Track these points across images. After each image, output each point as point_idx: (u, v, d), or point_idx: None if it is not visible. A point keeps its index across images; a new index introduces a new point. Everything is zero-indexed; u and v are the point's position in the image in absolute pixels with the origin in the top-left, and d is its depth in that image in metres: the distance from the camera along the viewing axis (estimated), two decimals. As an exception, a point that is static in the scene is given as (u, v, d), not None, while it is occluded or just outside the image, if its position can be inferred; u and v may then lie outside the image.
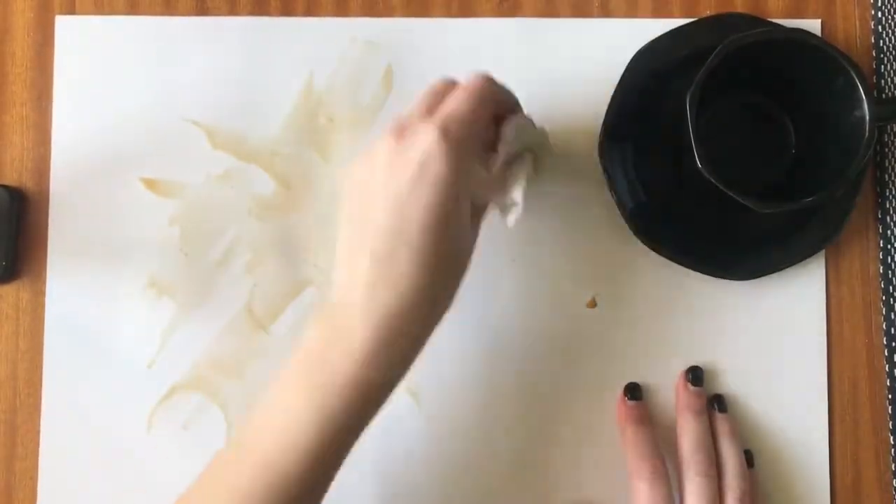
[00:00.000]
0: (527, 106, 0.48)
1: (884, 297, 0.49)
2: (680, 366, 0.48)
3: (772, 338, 0.49)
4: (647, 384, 0.48)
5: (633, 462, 0.45)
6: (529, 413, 0.48)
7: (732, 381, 0.48)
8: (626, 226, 0.48)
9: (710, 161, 0.42)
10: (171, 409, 0.48)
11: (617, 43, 0.50)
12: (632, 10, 0.51)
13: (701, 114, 0.42)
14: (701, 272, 0.48)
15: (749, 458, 0.47)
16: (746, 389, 0.48)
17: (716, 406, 0.47)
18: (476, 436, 0.48)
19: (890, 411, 0.49)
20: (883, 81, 0.50)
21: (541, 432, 0.48)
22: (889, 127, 0.49)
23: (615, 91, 0.48)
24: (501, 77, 0.43)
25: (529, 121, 0.44)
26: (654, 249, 0.48)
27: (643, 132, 0.48)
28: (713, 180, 0.41)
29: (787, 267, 0.48)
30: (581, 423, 0.48)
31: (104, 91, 0.50)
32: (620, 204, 0.48)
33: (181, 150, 0.50)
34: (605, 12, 0.51)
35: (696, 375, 0.47)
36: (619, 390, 0.48)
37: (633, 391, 0.48)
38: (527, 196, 0.42)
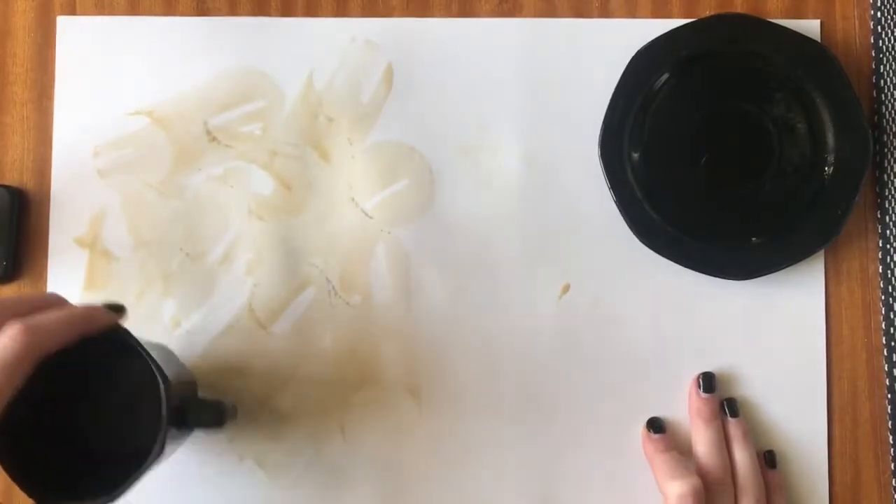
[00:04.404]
0: (527, 106, 0.48)
1: (883, 297, 0.49)
2: (680, 365, 0.49)
3: (771, 338, 0.49)
4: (647, 384, 0.48)
5: (667, 484, 0.44)
6: (530, 413, 0.49)
7: (732, 380, 0.49)
8: (626, 226, 0.48)
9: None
10: (172, 408, 0.48)
11: (617, 43, 0.50)
12: (631, 11, 0.51)
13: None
14: (701, 272, 0.48)
15: (771, 459, 0.47)
16: (746, 389, 0.48)
17: (727, 411, 0.47)
18: (476, 436, 0.48)
19: (889, 411, 0.49)
20: (882, 82, 0.50)
21: (541, 432, 0.48)
22: (889, 127, 0.49)
23: (615, 91, 0.48)
24: (501, 78, 0.43)
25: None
26: (654, 249, 0.48)
27: (643, 132, 0.49)
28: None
29: (787, 267, 0.48)
30: (581, 423, 0.48)
31: (105, 91, 0.50)
32: (620, 204, 0.48)
33: (181, 149, 0.50)
34: (605, 12, 0.51)
35: (707, 382, 0.47)
36: (617, 393, 0.48)
37: (657, 426, 0.48)
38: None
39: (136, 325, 0.49)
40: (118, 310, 0.39)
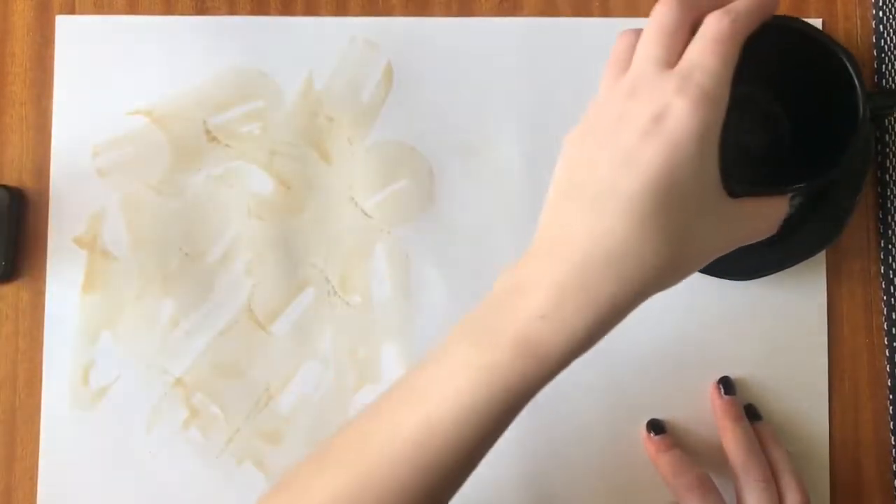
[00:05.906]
0: (527, 105, 0.48)
1: (884, 298, 0.49)
2: (680, 366, 0.48)
3: (772, 338, 0.49)
4: (647, 384, 0.48)
5: (675, 481, 0.44)
6: (529, 413, 0.48)
7: (733, 381, 0.48)
8: (626, 226, 0.48)
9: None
10: (171, 408, 0.48)
11: (617, 42, 0.49)
12: (632, 10, 0.51)
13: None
14: (701, 272, 0.48)
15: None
16: (747, 390, 0.48)
17: (750, 415, 0.47)
18: (476, 436, 0.48)
19: (891, 412, 0.48)
20: (884, 81, 0.50)
21: (541, 432, 0.48)
22: (890, 127, 0.49)
23: (615, 91, 0.48)
24: (501, 77, 0.43)
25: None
26: (654, 249, 0.48)
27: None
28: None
29: (787, 267, 0.48)
30: (581, 424, 0.48)
31: (104, 91, 0.50)
32: (620, 204, 0.48)
33: (181, 149, 0.50)
34: (605, 12, 0.51)
35: (727, 385, 0.47)
36: (617, 393, 0.48)
37: (656, 427, 0.47)
38: None
39: (135, 324, 0.49)
40: None
